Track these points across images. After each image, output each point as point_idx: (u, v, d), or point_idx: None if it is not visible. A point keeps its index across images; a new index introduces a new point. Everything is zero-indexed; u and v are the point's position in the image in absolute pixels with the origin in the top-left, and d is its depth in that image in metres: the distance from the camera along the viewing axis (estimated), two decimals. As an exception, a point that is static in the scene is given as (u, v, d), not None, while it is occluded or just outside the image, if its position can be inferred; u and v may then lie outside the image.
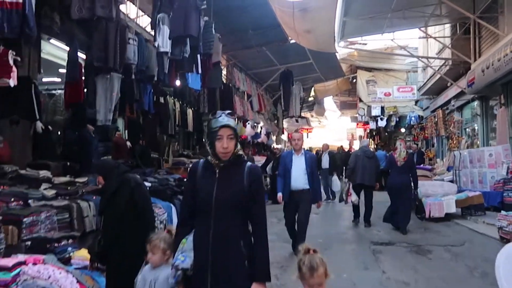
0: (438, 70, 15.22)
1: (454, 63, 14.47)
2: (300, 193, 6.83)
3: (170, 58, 8.61)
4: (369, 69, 23.76)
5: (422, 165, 15.61)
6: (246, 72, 18.63)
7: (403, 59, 20.99)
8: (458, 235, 8.65)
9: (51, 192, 5.87)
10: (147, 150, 11.06)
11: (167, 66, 8.62)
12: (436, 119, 17.47)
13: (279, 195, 7.03)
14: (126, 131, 11.07)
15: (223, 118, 2.72)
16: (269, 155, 15.98)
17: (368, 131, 33.34)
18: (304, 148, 7.51)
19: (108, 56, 6.98)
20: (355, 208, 10.03)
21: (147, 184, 7.13)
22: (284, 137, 34.09)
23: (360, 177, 9.63)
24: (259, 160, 17.09)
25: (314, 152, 27.05)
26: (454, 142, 14.77)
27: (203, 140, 15.14)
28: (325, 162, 14.92)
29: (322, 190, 12.83)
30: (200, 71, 9.95)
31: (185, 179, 9.87)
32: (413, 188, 9.17)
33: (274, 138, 23.63)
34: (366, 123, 30.21)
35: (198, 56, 9.38)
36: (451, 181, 12.50)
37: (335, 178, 13.94)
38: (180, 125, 13.50)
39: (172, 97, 12.57)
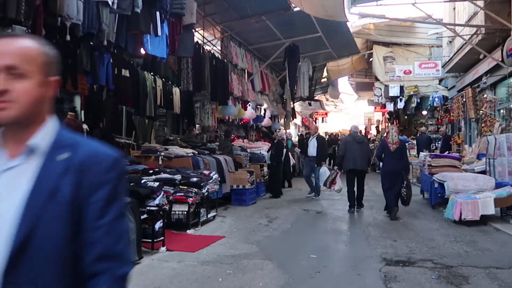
0: (469, 39, 12.82)
1: (488, 31, 12.09)
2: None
3: (115, 13, 6.52)
4: (386, 44, 21.27)
5: (447, 153, 13.34)
6: (247, 47, 16.46)
7: (426, 31, 18.51)
8: (502, 249, 6.45)
9: None
10: (109, 135, 9.08)
11: (109, 22, 6.51)
12: (464, 99, 15.11)
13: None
14: (82, 112, 9.05)
15: None
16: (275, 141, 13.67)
17: (387, 115, 30.90)
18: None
19: (8, 2, 4.92)
20: (350, 196, 9.82)
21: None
22: (298, 121, 31.95)
23: (351, 162, 9.64)
24: (260, 146, 15.02)
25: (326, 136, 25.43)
26: (487, 125, 12.45)
27: (194, 123, 13.15)
28: (312, 149, 11.87)
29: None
30: (164, 33, 7.87)
31: (151, 170, 7.92)
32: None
33: (282, 121, 21.48)
34: (384, 105, 27.76)
35: (157, 14, 7.29)
36: (483, 172, 10.29)
37: (324, 169, 11.11)
38: (163, 106, 11.57)
39: (151, 73, 10.57)
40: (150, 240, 6.19)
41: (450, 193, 8.69)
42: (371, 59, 24.51)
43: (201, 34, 13.56)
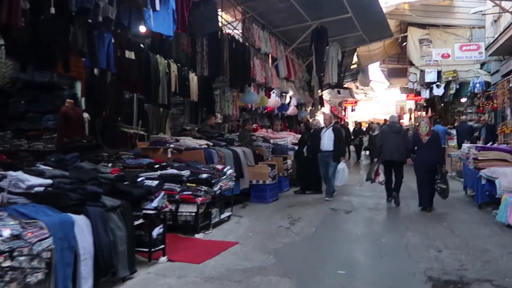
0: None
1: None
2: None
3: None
4: (422, 26, 19.65)
5: (490, 144, 11.91)
6: (271, 30, 15.33)
7: (466, 10, 16.92)
8: None
9: None
10: (113, 124, 8.18)
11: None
12: (511, 84, 13.62)
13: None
14: (83, 99, 8.11)
15: None
16: (304, 131, 12.43)
17: (423, 103, 29.22)
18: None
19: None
20: (388, 186, 9.64)
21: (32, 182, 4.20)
22: (326, 109, 30.60)
23: (388, 153, 9.29)
24: (284, 137, 13.92)
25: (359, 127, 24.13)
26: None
27: (214, 112, 12.11)
28: (328, 142, 10.12)
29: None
30: (170, 7, 6.84)
31: (158, 165, 6.98)
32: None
33: (308, 110, 20.26)
34: (418, 93, 26.13)
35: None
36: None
37: (342, 166, 10.07)
38: (178, 93, 10.62)
39: (165, 58, 9.62)
40: (147, 250, 5.23)
41: (503, 192, 7.44)
42: (404, 44, 22.95)
43: (219, 15, 12.48)
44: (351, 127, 27.93)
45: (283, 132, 15.75)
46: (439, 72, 19.17)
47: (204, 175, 6.80)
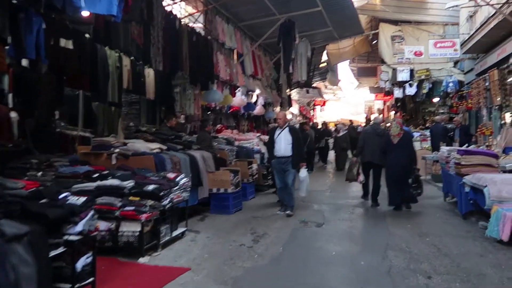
0: (500, 8, 10.66)
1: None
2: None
3: None
4: (395, 22, 18.97)
5: (466, 146, 11.16)
6: (236, 24, 14.31)
7: (439, 6, 16.27)
8: None
9: None
10: (47, 125, 7.00)
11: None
12: (487, 83, 13.00)
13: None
14: (10, 95, 6.87)
15: None
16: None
17: (390, 103, 28.71)
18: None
19: None
20: (365, 185, 9.72)
21: None
22: (295, 109, 29.72)
23: (369, 155, 9.21)
24: (250, 138, 12.88)
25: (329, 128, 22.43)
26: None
27: (173, 111, 10.99)
28: (285, 146, 8.33)
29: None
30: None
31: (97, 174, 5.89)
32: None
33: (276, 110, 19.27)
34: (388, 93, 25.53)
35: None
36: (516, 170, 8.28)
37: (304, 175, 8.59)
38: (131, 90, 9.48)
39: (114, 50, 8.42)
40: (70, 286, 4.12)
41: (492, 202, 6.62)
42: (374, 42, 22.33)
43: (178, 4, 11.38)
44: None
45: (250, 133, 14.72)
46: (412, 71, 18.56)
47: (151, 187, 5.68)
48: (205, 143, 9.12)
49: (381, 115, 35.49)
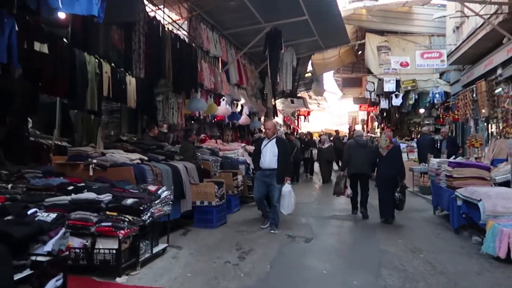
0: (488, 19, 10.55)
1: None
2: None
3: None
4: (381, 33, 18.90)
5: (453, 158, 10.99)
6: (221, 32, 14.04)
7: (426, 18, 16.23)
8: None
9: None
10: (20, 133, 6.57)
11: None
12: (474, 94, 12.88)
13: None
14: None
15: None
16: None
17: (373, 114, 28.62)
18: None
19: None
20: (353, 199, 9.70)
21: None
22: (279, 119, 29.43)
23: (355, 166, 9.35)
24: (235, 149, 12.52)
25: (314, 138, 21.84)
26: (509, 124, 10.24)
27: (156, 120, 10.59)
28: (270, 157, 7.95)
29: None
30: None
31: (72, 186, 5.50)
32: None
33: (262, 119, 18.96)
34: (372, 104, 25.42)
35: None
36: (507, 183, 8.11)
37: (287, 189, 7.92)
38: (112, 98, 9.08)
39: (93, 55, 8.02)
40: (37, 312, 3.71)
41: (488, 217, 6.38)
42: (360, 52, 22.25)
43: (162, 10, 11.04)
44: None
45: (234, 143, 14.37)
46: (398, 81, 18.47)
47: (130, 201, 5.29)
48: (189, 154, 8.75)
49: (364, 126, 35.58)
